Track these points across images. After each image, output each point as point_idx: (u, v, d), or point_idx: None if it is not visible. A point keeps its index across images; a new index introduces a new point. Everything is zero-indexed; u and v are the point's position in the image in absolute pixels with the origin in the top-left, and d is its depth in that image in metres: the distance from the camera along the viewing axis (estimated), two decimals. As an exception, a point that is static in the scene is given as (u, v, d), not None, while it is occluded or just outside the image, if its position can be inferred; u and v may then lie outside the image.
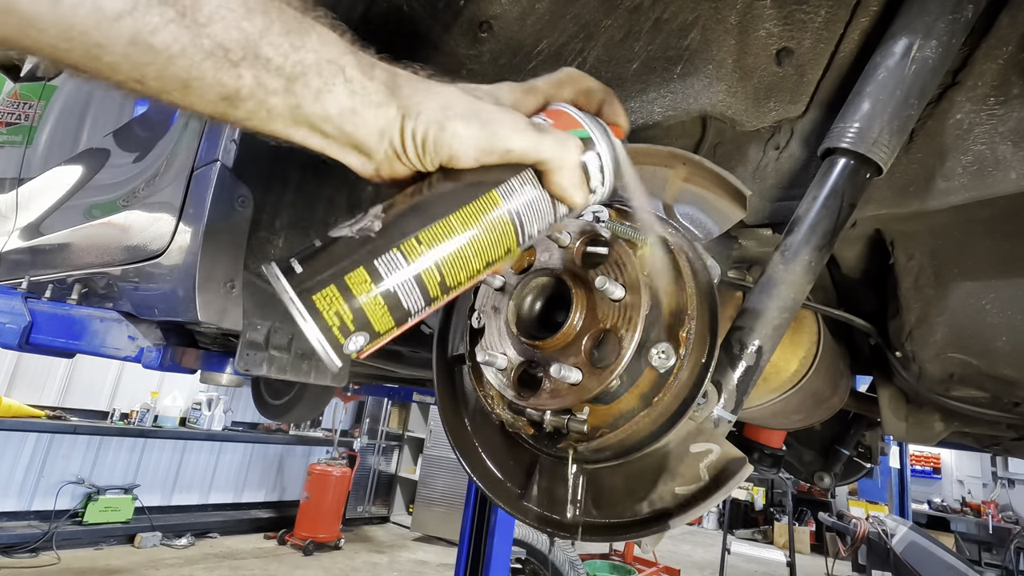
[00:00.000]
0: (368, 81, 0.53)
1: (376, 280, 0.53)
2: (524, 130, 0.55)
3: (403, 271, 0.54)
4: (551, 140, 0.56)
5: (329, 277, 0.52)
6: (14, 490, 6.26)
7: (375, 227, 0.54)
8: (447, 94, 0.56)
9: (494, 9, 0.90)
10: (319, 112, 0.52)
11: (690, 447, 0.63)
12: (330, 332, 0.52)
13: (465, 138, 0.54)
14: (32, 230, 2.19)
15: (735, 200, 0.70)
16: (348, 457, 8.66)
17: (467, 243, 0.56)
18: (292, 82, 0.50)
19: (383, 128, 0.54)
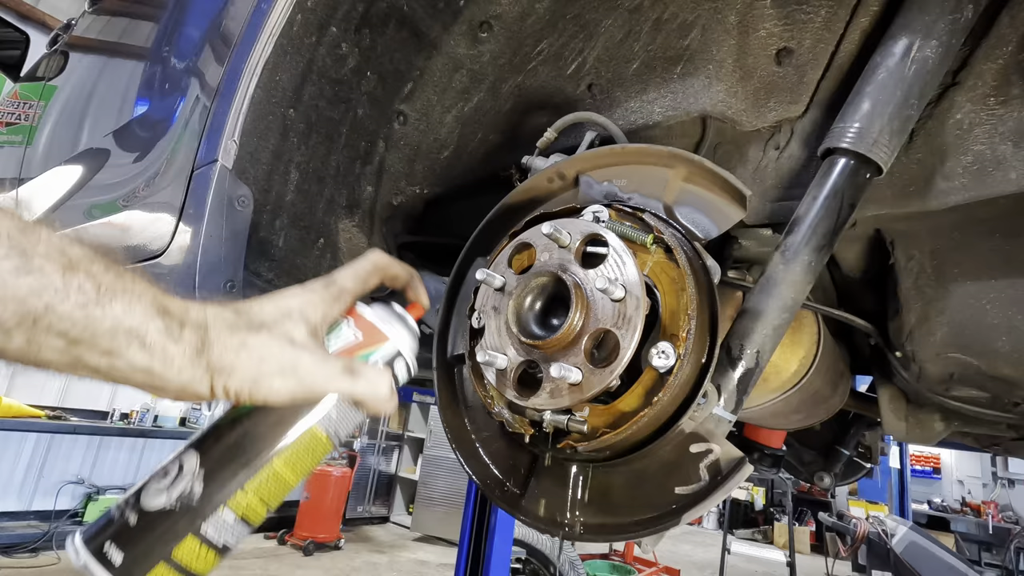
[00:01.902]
0: (173, 346, 0.52)
1: (206, 542, 0.54)
2: (339, 378, 0.59)
3: (232, 522, 0.56)
4: (363, 384, 0.60)
5: (156, 557, 0.53)
6: (14, 490, 6.26)
7: (196, 491, 0.55)
8: (262, 348, 0.57)
9: (494, 9, 0.90)
10: (106, 366, 0.51)
11: (690, 447, 0.63)
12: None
13: (282, 391, 0.56)
14: (32, 230, 2.18)
15: (735, 200, 0.70)
16: (348, 457, 8.66)
17: (289, 473, 0.60)
18: (76, 345, 0.49)
19: (186, 384, 0.54)
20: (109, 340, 0.50)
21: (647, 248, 0.69)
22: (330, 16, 0.90)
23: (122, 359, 0.51)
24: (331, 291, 0.67)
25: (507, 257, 0.75)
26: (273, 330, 0.59)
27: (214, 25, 1.17)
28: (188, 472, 0.56)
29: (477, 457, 0.80)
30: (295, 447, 0.60)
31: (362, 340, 0.67)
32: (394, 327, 0.69)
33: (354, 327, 0.68)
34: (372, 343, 0.67)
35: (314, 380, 0.58)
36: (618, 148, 0.78)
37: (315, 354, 0.60)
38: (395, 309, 0.72)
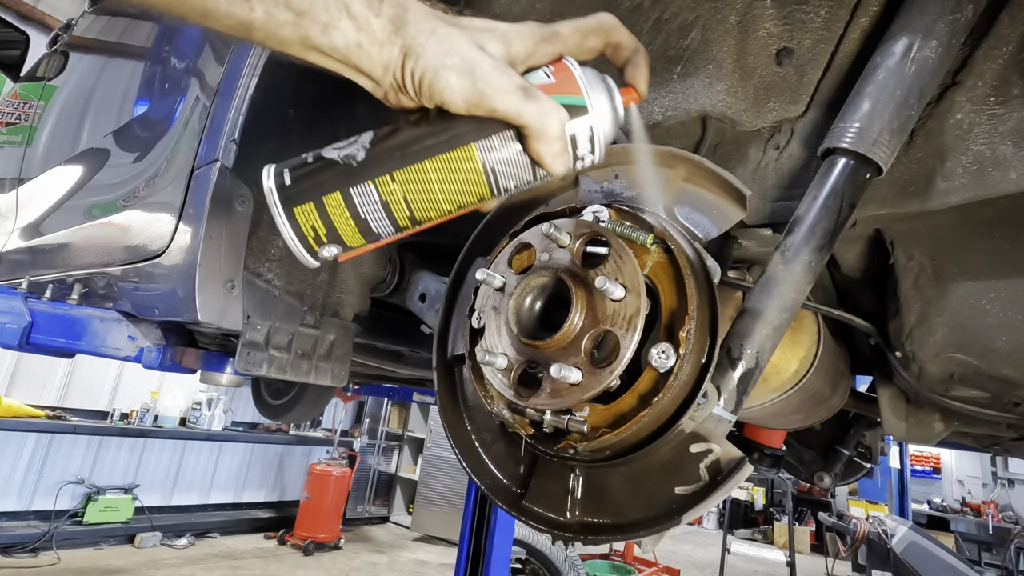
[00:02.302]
0: (374, 18, 0.55)
1: (348, 205, 0.58)
2: (510, 93, 0.57)
3: (374, 201, 0.59)
4: (534, 108, 0.57)
5: (309, 194, 0.58)
6: (14, 490, 6.26)
7: (359, 156, 0.59)
8: (451, 40, 0.57)
9: (494, 9, 0.90)
10: (326, 44, 0.56)
11: (690, 447, 0.63)
12: (305, 240, 0.59)
13: (456, 89, 0.56)
14: (32, 230, 2.18)
15: (735, 200, 0.70)
16: (348, 457, 8.66)
17: (438, 187, 0.59)
18: (300, 16, 0.54)
19: (386, 63, 0.57)
20: (324, 11, 0.54)
21: (647, 248, 0.69)
22: (330, 16, 0.90)
23: (338, 33, 0.55)
24: (543, 31, 0.63)
25: (507, 257, 0.75)
26: (467, 31, 0.58)
27: (214, 25, 1.17)
28: (360, 142, 0.60)
29: (477, 457, 0.80)
30: (449, 157, 0.59)
31: (553, 83, 0.61)
32: (595, 93, 0.61)
33: (551, 72, 0.62)
34: (562, 91, 0.61)
35: (487, 86, 0.56)
36: (618, 148, 0.78)
37: (497, 64, 0.57)
38: (607, 81, 0.64)
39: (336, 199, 0.58)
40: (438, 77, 0.56)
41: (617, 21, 0.66)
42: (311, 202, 0.58)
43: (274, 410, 4.06)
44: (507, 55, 0.60)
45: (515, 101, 0.57)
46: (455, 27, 0.58)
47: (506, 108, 0.57)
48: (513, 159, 0.60)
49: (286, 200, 0.59)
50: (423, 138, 0.59)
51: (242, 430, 8.33)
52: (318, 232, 0.59)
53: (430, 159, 0.59)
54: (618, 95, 0.63)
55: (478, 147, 0.59)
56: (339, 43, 0.56)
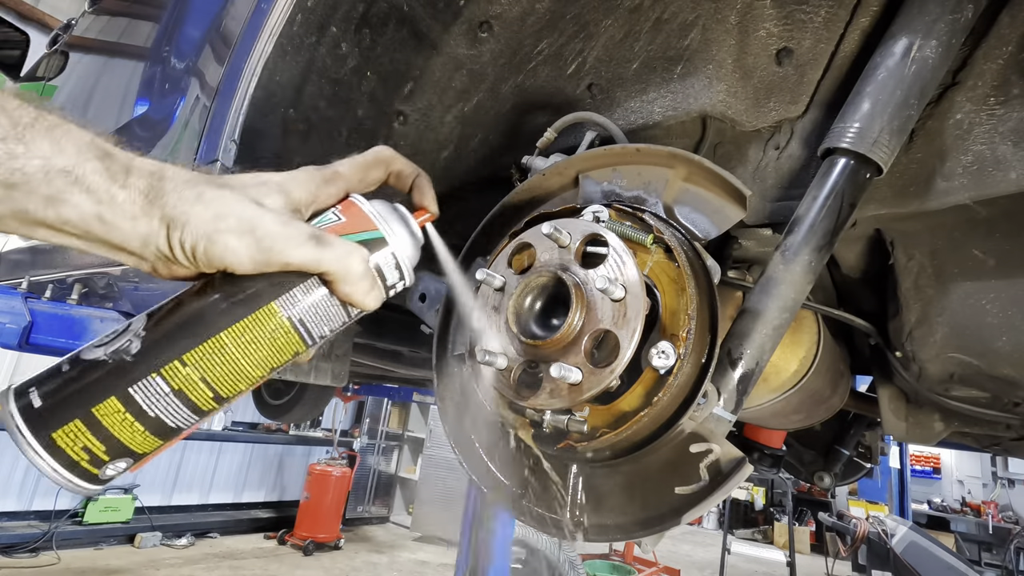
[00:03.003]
0: (119, 190, 0.49)
1: (131, 409, 0.49)
2: (303, 244, 0.53)
3: (164, 394, 0.50)
4: (332, 253, 0.54)
5: (72, 411, 0.48)
6: (14, 490, 6.26)
7: (132, 349, 0.50)
8: (221, 202, 0.52)
9: (494, 9, 0.90)
10: (55, 217, 0.47)
11: (690, 447, 0.63)
12: (78, 467, 0.48)
13: (238, 251, 0.51)
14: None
15: (735, 200, 0.70)
16: (348, 457, 8.67)
17: (242, 357, 0.53)
18: (11, 190, 0.45)
19: (145, 237, 0.50)
20: (45, 184, 0.46)
21: (647, 248, 0.69)
22: (330, 16, 0.90)
23: (68, 207, 0.47)
24: (322, 173, 0.60)
25: (507, 257, 0.75)
26: (237, 191, 0.54)
27: (214, 25, 1.17)
28: (131, 331, 0.51)
29: (477, 457, 0.80)
30: (248, 323, 0.52)
31: (344, 223, 0.59)
32: (389, 223, 0.61)
33: (339, 212, 0.60)
34: (355, 228, 0.59)
35: (274, 243, 0.52)
36: (618, 148, 0.78)
37: (280, 217, 0.53)
38: (398, 209, 0.64)
39: (112, 406, 0.48)
40: (214, 243, 0.50)
41: (392, 151, 0.67)
42: (76, 419, 0.47)
43: (274, 410, 4.06)
44: (288, 204, 0.57)
45: (309, 251, 0.53)
46: (224, 188, 0.53)
47: (301, 260, 0.53)
48: (321, 305, 0.56)
49: (39, 427, 0.47)
50: (212, 308, 0.53)
51: (242, 430, 8.33)
52: (94, 452, 0.48)
53: (226, 330, 0.52)
54: (411, 218, 0.64)
55: (279, 304, 0.54)
56: (72, 216, 0.48)
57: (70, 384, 0.49)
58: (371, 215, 0.60)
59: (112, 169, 0.49)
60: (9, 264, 2.36)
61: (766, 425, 1.72)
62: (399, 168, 0.67)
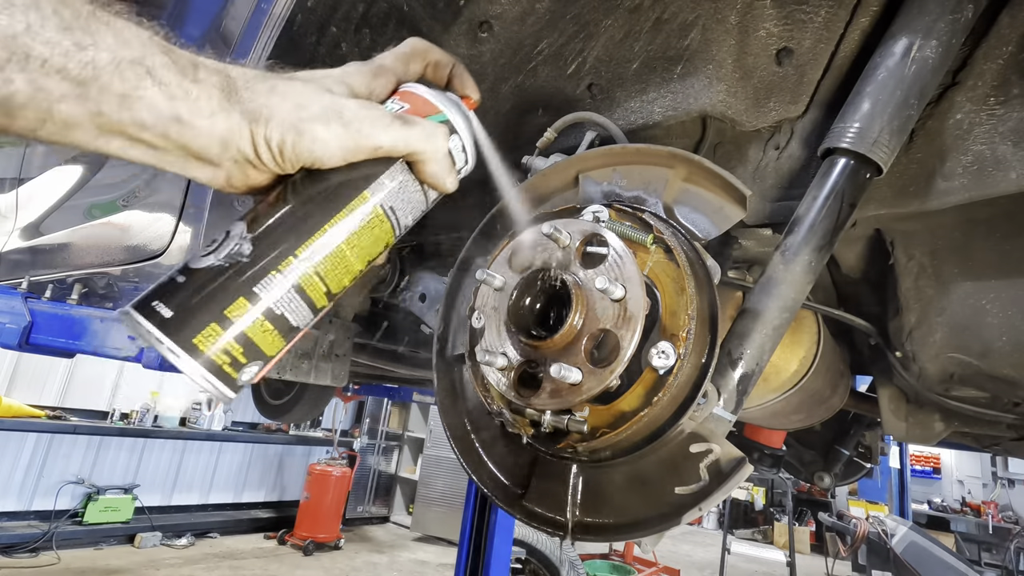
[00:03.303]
0: (191, 85, 0.46)
1: (260, 307, 0.49)
2: (390, 125, 0.52)
3: (287, 291, 0.50)
4: (419, 132, 0.54)
5: (206, 314, 0.48)
6: (14, 490, 6.26)
7: (245, 251, 0.50)
8: (297, 94, 0.50)
9: (494, 9, 0.90)
10: (129, 120, 0.44)
11: (690, 447, 0.63)
12: (221, 371, 0.48)
13: (328, 141, 0.49)
14: (32, 230, 2.19)
15: (735, 200, 0.70)
16: (348, 457, 8.67)
17: (347, 249, 0.53)
18: (84, 86, 0.42)
19: (224, 137, 0.48)
20: (119, 78, 0.43)
21: (647, 248, 0.69)
22: (330, 16, 0.90)
23: (143, 105, 0.44)
24: (370, 66, 0.59)
25: (507, 257, 0.75)
26: (307, 81, 0.52)
27: (214, 25, 1.17)
28: (235, 235, 0.50)
29: (477, 457, 0.80)
30: (348, 214, 0.53)
31: (409, 108, 0.58)
32: (447, 106, 0.61)
33: (399, 101, 0.59)
34: (421, 113, 0.58)
35: (362, 125, 0.50)
36: (618, 148, 0.78)
37: (361, 102, 0.52)
38: (448, 94, 0.63)
39: (242, 306, 0.49)
40: (301, 134, 0.48)
41: (427, 42, 0.65)
42: (213, 323, 0.48)
43: (274, 410, 4.06)
44: (352, 94, 0.55)
45: (397, 131, 0.52)
46: (294, 80, 0.51)
47: (392, 141, 0.52)
48: (407, 190, 0.57)
49: (178, 335, 0.47)
50: (311, 204, 0.52)
51: (242, 430, 8.33)
52: (234, 354, 0.49)
53: (330, 221, 0.52)
54: (462, 102, 0.64)
55: (372, 192, 0.54)
56: (147, 119, 0.45)
57: (195, 292, 0.48)
58: (433, 99, 0.60)
59: (181, 63, 0.46)
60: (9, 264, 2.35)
61: (766, 425, 1.72)
62: (436, 58, 0.65)
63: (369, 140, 0.51)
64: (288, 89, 0.50)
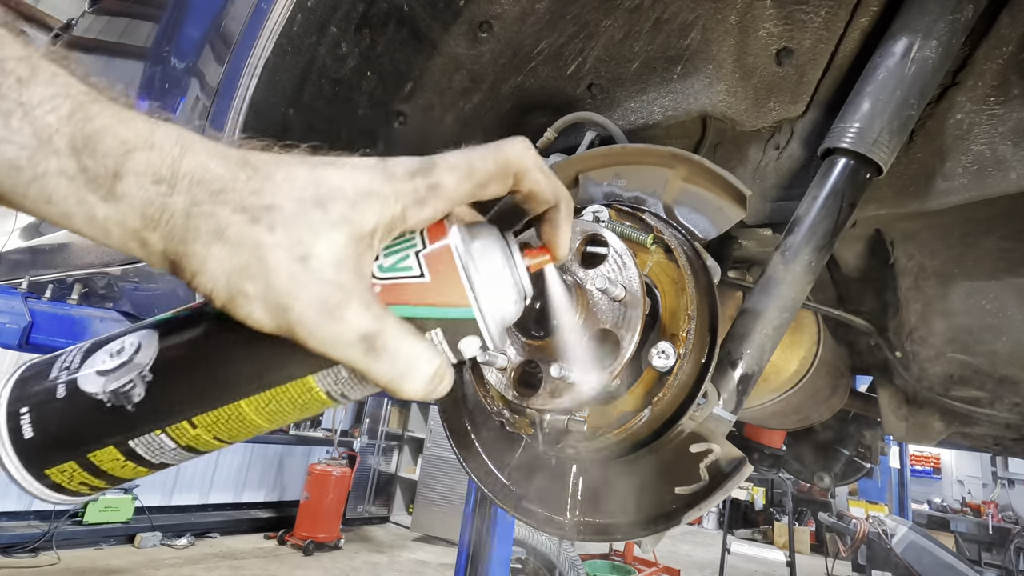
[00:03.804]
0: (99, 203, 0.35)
1: (131, 457, 0.43)
2: (350, 347, 0.39)
3: (169, 449, 0.44)
4: (386, 369, 0.40)
5: (68, 454, 0.42)
6: (14, 490, 6.24)
7: (135, 396, 0.42)
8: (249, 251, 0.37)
9: (494, 9, 0.90)
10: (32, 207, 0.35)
11: (690, 447, 0.63)
12: (68, 490, 0.44)
13: (265, 325, 0.38)
14: (32, 230, 2.18)
15: (735, 200, 0.70)
16: (348, 457, 8.67)
17: (262, 420, 0.45)
18: None
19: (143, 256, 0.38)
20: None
21: (647, 248, 0.69)
22: (330, 16, 0.90)
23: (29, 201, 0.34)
24: (418, 184, 0.41)
25: (507, 257, 0.75)
26: (278, 228, 0.37)
27: (214, 25, 1.17)
28: (136, 366, 0.42)
29: (477, 457, 0.80)
30: (276, 394, 0.43)
31: (428, 285, 0.43)
32: (488, 282, 0.45)
33: (424, 259, 0.43)
34: (438, 298, 0.43)
35: (311, 334, 0.38)
36: (618, 148, 0.78)
37: (330, 297, 0.38)
38: (508, 246, 0.47)
39: (110, 453, 0.42)
40: (236, 305, 0.37)
41: (531, 157, 0.46)
42: (71, 461, 0.42)
43: (274, 410, 4.05)
44: (355, 235, 0.39)
45: (355, 358, 0.39)
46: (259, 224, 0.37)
47: (344, 362, 0.40)
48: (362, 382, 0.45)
49: (30, 460, 0.42)
50: (233, 367, 0.43)
51: (242, 430, 8.32)
52: (89, 483, 0.44)
53: (248, 398, 0.43)
54: (522, 264, 0.47)
55: (318, 380, 0.43)
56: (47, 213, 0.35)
57: (64, 421, 0.43)
58: (465, 283, 0.44)
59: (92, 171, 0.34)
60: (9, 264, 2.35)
61: (766, 425, 1.72)
62: (531, 188, 0.47)
63: (318, 348, 0.39)
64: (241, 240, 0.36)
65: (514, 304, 0.48)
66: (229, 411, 0.43)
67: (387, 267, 0.43)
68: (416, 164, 0.42)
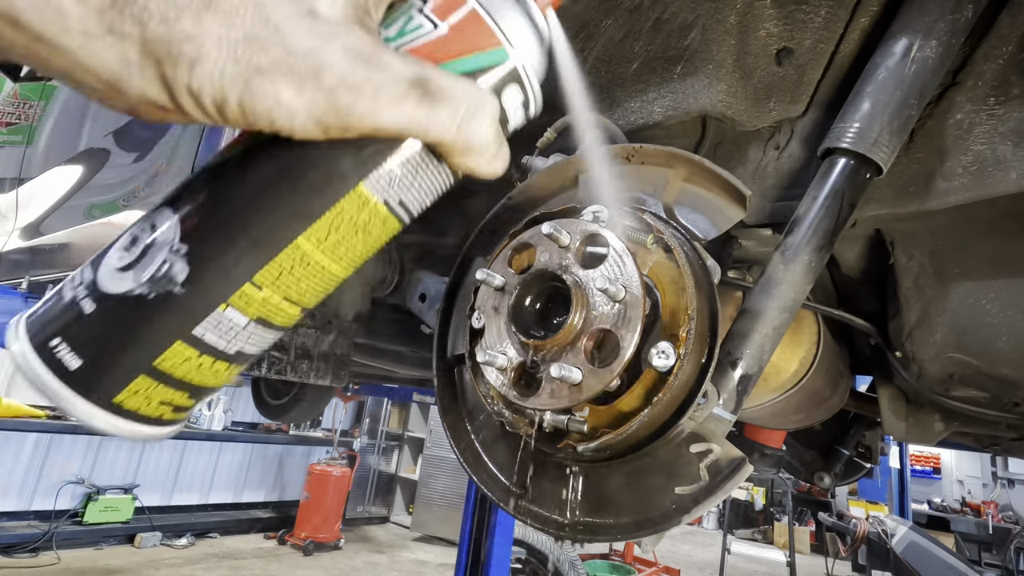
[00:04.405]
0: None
1: (204, 349, 0.37)
2: (401, 99, 0.33)
3: (243, 327, 0.38)
4: (446, 115, 0.35)
5: (132, 370, 0.35)
6: (14, 490, 6.26)
7: (177, 274, 0.35)
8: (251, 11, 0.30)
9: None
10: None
11: (690, 447, 0.63)
12: (160, 419, 0.39)
13: (298, 113, 0.32)
14: (32, 230, 2.19)
15: (735, 200, 0.70)
16: (348, 457, 8.67)
17: (330, 263, 0.39)
18: None
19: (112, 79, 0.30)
20: None
21: (647, 248, 0.69)
22: (330, 16, 0.90)
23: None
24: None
25: (507, 257, 0.75)
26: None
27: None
28: (163, 244, 0.35)
29: (477, 457, 0.80)
30: (331, 218, 0.37)
31: (447, 36, 0.38)
32: (510, 22, 0.40)
33: (432, 11, 0.38)
34: (467, 46, 0.38)
35: (354, 98, 0.32)
36: (617, 148, 0.78)
37: (355, 46, 0.32)
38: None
39: (179, 353, 0.36)
40: (254, 95, 0.31)
41: None
42: (141, 375, 0.36)
43: (274, 410, 4.06)
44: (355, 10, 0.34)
45: (411, 112, 0.34)
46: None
47: (404, 126, 0.35)
48: (424, 174, 0.39)
49: (90, 391, 0.35)
50: (275, 200, 0.36)
51: (242, 430, 8.34)
52: (172, 401, 0.38)
53: (304, 233, 0.36)
54: (536, 9, 0.42)
55: (370, 185, 0.37)
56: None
57: (109, 332, 0.35)
58: (487, 19, 0.38)
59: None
60: (9, 264, 2.36)
61: (766, 425, 1.72)
62: None
63: (364, 120, 0.33)
64: (237, 7, 0.30)
65: (539, 47, 0.42)
66: (290, 256, 0.37)
67: (393, 36, 0.38)
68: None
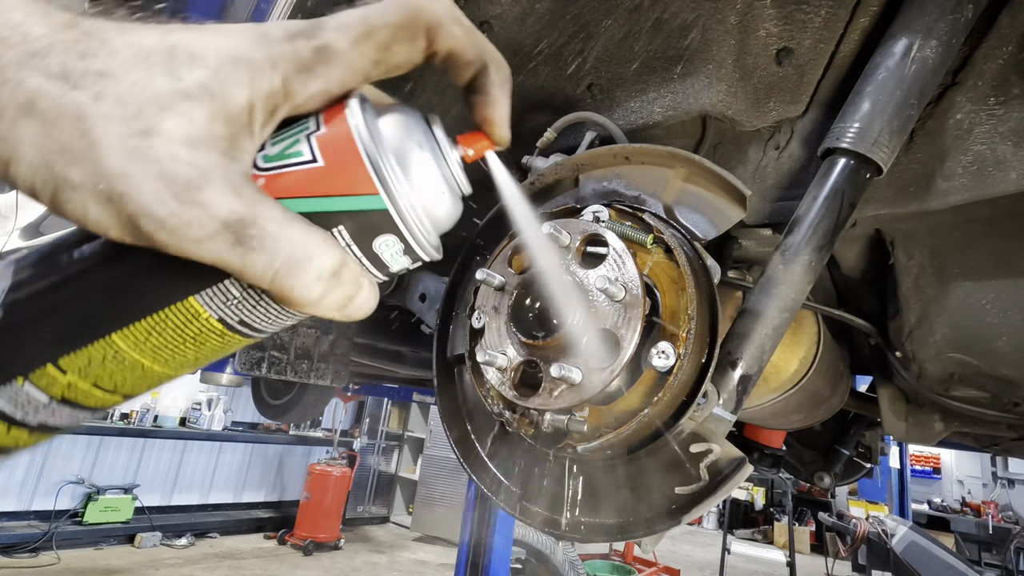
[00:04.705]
0: None
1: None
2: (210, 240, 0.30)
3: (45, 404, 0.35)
4: (263, 263, 0.31)
5: None
6: (14, 490, 6.26)
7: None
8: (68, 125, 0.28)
9: (494, 9, 0.90)
10: None
11: (690, 447, 0.63)
12: None
13: (107, 226, 0.30)
14: (32, 230, 2.19)
15: (735, 200, 0.70)
16: (348, 457, 8.67)
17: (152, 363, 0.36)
18: None
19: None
20: None
21: (647, 248, 0.69)
22: (330, 16, 0.90)
23: None
24: (299, 47, 0.33)
25: (507, 257, 0.75)
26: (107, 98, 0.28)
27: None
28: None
29: (477, 457, 0.80)
30: (157, 325, 0.34)
31: (322, 170, 0.34)
32: (400, 163, 0.36)
33: (318, 141, 0.35)
34: (336, 185, 0.35)
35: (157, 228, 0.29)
36: (618, 148, 0.78)
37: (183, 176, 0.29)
38: (431, 128, 0.40)
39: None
40: (63, 205, 0.29)
41: (445, 5, 0.38)
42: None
43: (274, 410, 4.06)
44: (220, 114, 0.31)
45: (219, 252, 0.31)
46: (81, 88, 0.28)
47: (211, 260, 0.31)
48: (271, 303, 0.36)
49: None
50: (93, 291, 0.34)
51: (242, 430, 8.34)
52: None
53: (119, 332, 0.34)
54: (451, 152, 0.40)
55: (202, 301, 0.34)
56: None
57: None
58: (368, 163, 0.34)
59: None
60: (9, 264, 2.36)
61: (766, 425, 1.72)
62: (451, 45, 0.38)
63: (174, 247, 0.30)
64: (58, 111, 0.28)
65: (443, 198, 0.39)
66: (102, 349, 0.34)
67: (273, 156, 0.35)
68: (299, 24, 0.34)
